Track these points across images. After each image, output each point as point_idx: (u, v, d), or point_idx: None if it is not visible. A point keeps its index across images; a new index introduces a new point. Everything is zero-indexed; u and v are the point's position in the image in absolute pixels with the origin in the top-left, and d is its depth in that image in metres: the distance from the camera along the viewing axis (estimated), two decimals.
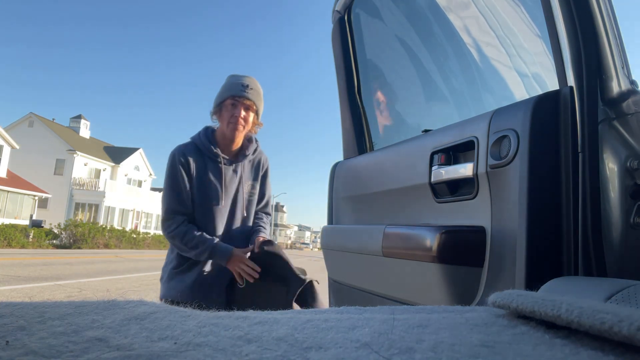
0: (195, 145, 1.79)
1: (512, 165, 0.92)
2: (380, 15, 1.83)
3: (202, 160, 1.77)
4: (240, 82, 1.76)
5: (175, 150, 1.77)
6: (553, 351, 0.33)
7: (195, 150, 1.78)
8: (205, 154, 1.78)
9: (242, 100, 1.74)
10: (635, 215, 0.90)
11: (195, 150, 1.78)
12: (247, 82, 1.77)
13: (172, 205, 1.73)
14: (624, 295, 0.63)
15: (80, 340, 0.34)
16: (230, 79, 1.81)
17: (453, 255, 1.00)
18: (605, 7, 0.92)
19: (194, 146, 1.79)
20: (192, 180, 1.74)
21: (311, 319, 0.43)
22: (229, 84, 1.78)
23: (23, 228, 19.75)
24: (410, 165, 1.27)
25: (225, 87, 1.79)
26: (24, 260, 11.47)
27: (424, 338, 0.36)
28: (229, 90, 1.76)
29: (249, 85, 1.76)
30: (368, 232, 1.33)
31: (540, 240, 0.87)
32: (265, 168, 1.96)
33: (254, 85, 1.79)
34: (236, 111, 1.73)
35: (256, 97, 1.78)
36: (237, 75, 1.81)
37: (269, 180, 1.99)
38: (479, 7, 1.37)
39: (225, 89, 1.78)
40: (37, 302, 0.45)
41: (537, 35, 1.14)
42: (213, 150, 1.77)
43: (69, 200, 30.73)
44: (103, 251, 20.22)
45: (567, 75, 0.92)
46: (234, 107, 1.74)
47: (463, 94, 1.62)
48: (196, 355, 0.31)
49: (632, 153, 0.90)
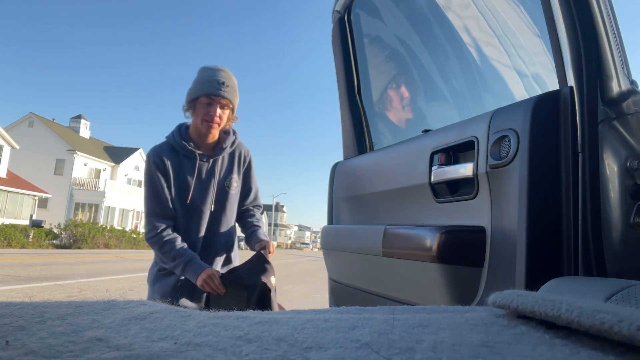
0: (170, 145, 1.73)
1: (512, 165, 0.92)
2: (380, 15, 1.83)
3: (177, 159, 1.72)
4: (216, 78, 1.66)
5: (150, 152, 1.72)
6: (553, 351, 0.33)
7: (170, 150, 1.72)
8: (181, 152, 1.72)
9: (218, 100, 1.66)
10: (635, 215, 0.90)
11: (170, 150, 1.72)
12: (222, 78, 1.67)
13: (152, 208, 1.68)
14: (624, 295, 0.63)
15: (80, 340, 0.34)
16: (204, 73, 1.71)
17: (453, 255, 1.00)
18: (605, 7, 0.92)
19: (168, 146, 1.73)
20: (169, 181, 1.69)
21: (311, 319, 0.43)
22: (203, 80, 1.68)
23: (23, 228, 19.76)
24: (410, 165, 1.27)
25: (199, 83, 1.69)
26: (24, 260, 11.48)
27: (424, 338, 0.36)
28: (203, 88, 1.66)
29: (224, 83, 1.67)
30: (368, 232, 1.33)
31: (540, 240, 0.87)
32: (248, 160, 1.89)
33: (230, 82, 1.70)
34: (211, 109, 1.66)
35: (232, 94, 1.71)
36: (212, 69, 1.71)
37: (253, 172, 1.93)
38: (479, 7, 1.37)
39: (199, 84, 1.68)
40: (37, 302, 0.45)
41: (537, 35, 1.14)
42: (188, 148, 1.71)
43: (69, 200, 30.73)
44: (103, 251, 20.23)
45: (567, 75, 0.92)
46: (210, 105, 1.66)
47: (463, 94, 1.62)
48: (196, 355, 0.31)
49: (632, 153, 0.90)
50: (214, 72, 1.69)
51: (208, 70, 1.72)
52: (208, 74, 1.69)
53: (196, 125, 1.71)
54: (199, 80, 1.70)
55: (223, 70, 1.72)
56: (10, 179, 25.60)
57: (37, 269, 9.50)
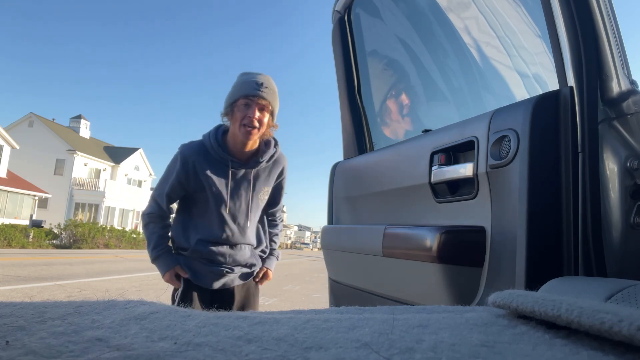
0: (204, 146, 1.69)
1: (512, 165, 0.92)
2: (381, 15, 1.83)
3: (208, 163, 1.67)
4: (254, 80, 1.62)
5: (183, 148, 1.69)
6: (553, 351, 0.33)
7: (202, 151, 1.68)
8: (213, 156, 1.68)
9: (256, 100, 1.60)
10: (635, 215, 0.90)
11: (202, 151, 1.68)
12: (261, 79, 1.62)
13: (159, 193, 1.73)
14: (624, 295, 0.63)
15: (80, 340, 0.34)
16: (242, 76, 1.67)
17: (453, 255, 1.00)
18: (605, 7, 0.92)
19: (202, 147, 1.69)
20: (190, 181, 1.67)
21: (311, 319, 0.43)
22: (242, 82, 1.63)
23: (23, 228, 19.75)
24: (410, 166, 1.27)
25: (237, 86, 1.64)
26: (24, 260, 11.47)
27: (424, 338, 0.36)
28: (241, 89, 1.61)
29: (263, 84, 1.61)
30: (368, 232, 1.33)
31: (540, 240, 0.87)
32: (284, 175, 1.86)
33: (269, 84, 1.64)
34: (250, 111, 1.60)
35: (272, 96, 1.64)
36: (250, 73, 1.67)
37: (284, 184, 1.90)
38: (479, 7, 1.37)
39: (237, 87, 1.64)
40: (37, 302, 0.45)
41: (537, 35, 1.14)
42: (221, 154, 1.67)
43: (69, 200, 30.73)
44: (103, 251, 20.23)
45: (567, 75, 0.92)
46: (248, 107, 1.60)
47: (463, 94, 1.62)
48: (196, 355, 0.31)
49: (632, 153, 0.90)
50: (252, 75, 1.66)
51: (246, 74, 1.68)
52: (246, 77, 1.66)
53: (234, 132, 1.65)
54: (237, 84, 1.66)
55: (262, 74, 1.67)
56: (10, 179, 25.60)
57: (37, 269, 9.50)
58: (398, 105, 1.90)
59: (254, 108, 1.60)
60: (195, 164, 1.66)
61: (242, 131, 1.61)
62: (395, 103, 1.90)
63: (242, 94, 1.61)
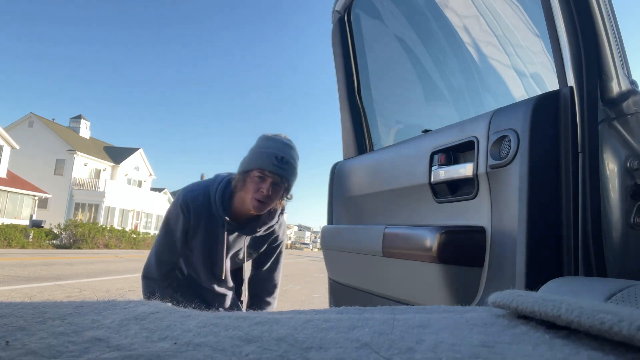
0: (208, 197, 1.61)
1: (512, 165, 0.92)
2: (380, 15, 1.83)
3: (207, 216, 1.61)
4: (274, 153, 1.50)
5: (184, 194, 1.62)
6: (553, 351, 0.33)
7: (205, 203, 1.60)
8: (213, 212, 1.61)
9: (272, 176, 1.50)
10: (635, 215, 0.90)
11: (205, 203, 1.60)
12: (281, 153, 1.51)
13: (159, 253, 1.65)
14: (624, 295, 0.63)
15: (80, 340, 0.34)
16: (262, 142, 1.57)
17: (453, 255, 1.00)
18: (605, 7, 0.92)
19: (205, 197, 1.61)
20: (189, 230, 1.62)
21: (311, 319, 0.43)
22: (261, 153, 1.52)
23: (23, 228, 19.76)
24: (410, 166, 1.27)
25: (255, 155, 1.53)
26: (24, 261, 11.47)
27: (424, 338, 0.36)
28: (259, 161, 1.51)
29: (283, 158, 1.51)
30: (368, 232, 1.33)
31: (540, 240, 0.87)
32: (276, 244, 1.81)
33: (290, 157, 1.54)
34: (263, 186, 1.50)
35: (290, 172, 1.54)
36: (271, 139, 1.56)
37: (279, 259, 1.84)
38: (478, 7, 1.37)
39: (255, 156, 1.53)
40: (37, 302, 0.45)
41: (537, 35, 1.14)
42: (221, 214, 1.59)
43: (69, 200, 30.73)
44: (103, 251, 20.23)
45: (567, 75, 0.92)
46: (262, 180, 1.50)
47: (463, 94, 1.62)
48: (196, 355, 0.31)
49: (632, 153, 0.90)
50: (273, 144, 1.55)
51: (267, 140, 1.57)
52: (266, 145, 1.55)
53: (243, 198, 1.56)
54: (256, 151, 1.55)
55: (284, 142, 1.56)
56: (10, 179, 25.60)
57: (37, 269, 9.50)
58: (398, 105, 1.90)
59: (268, 183, 1.50)
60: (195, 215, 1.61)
61: (253, 204, 1.53)
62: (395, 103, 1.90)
63: (258, 166, 1.50)
